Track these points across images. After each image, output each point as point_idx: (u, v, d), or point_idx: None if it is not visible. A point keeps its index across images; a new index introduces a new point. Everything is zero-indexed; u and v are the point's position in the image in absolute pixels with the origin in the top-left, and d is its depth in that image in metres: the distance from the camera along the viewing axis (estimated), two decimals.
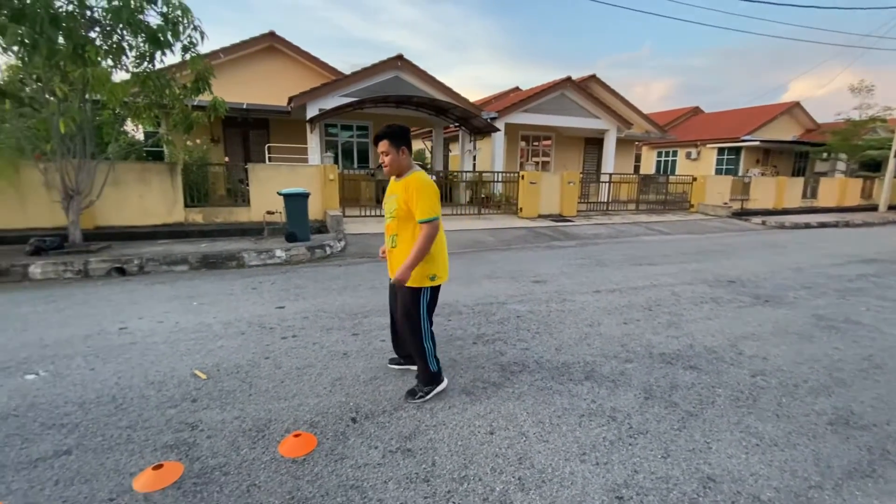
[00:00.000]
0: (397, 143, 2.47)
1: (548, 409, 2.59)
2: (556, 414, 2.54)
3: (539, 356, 3.33)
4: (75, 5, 5.44)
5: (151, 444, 2.20)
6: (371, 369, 3.06)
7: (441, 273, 2.63)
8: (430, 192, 2.42)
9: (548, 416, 2.51)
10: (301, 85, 12.93)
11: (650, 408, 2.63)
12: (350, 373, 3.01)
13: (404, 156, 2.51)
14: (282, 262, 6.69)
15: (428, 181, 2.45)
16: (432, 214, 2.40)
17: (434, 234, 2.42)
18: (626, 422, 2.47)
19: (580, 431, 2.37)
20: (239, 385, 2.81)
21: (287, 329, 3.78)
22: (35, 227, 7.41)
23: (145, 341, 3.46)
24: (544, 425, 2.43)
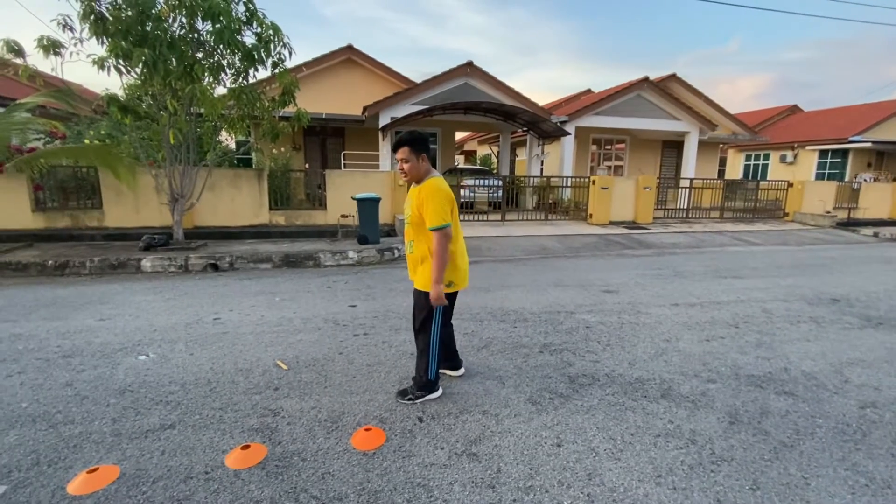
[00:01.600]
0: (417, 150, 2.46)
1: (620, 426, 2.47)
2: (629, 432, 2.42)
3: (610, 370, 3.19)
4: (186, 30, 6.15)
5: (239, 426, 2.42)
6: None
7: (458, 280, 2.58)
8: (441, 198, 2.37)
9: (620, 434, 2.40)
10: (375, 94, 13.51)
11: (736, 434, 2.41)
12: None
13: (424, 163, 2.49)
14: (354, 262, 7.03)
15: (440, 188, 2.40)
16: (441, 222, 2.35)
17: (445, 242, 2.37)
18: (708, 446, 2.30)
19: (655, 452, 2.24)
20: (315, 377, 2.99)
21: (359, 327, 3.96)
22: (147, 225, 8.44)
23: (235, 331, 3.80)
24: (616, 442, 2.32)
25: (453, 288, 2.55)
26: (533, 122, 13.06)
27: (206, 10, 5.77)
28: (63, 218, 8.32)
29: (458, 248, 2.55)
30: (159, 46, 5.64)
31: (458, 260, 2.55)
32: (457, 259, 2.53)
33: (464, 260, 2.62)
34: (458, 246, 2.56)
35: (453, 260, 2.49)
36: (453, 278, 2.53)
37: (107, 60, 6.00)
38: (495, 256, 7.58)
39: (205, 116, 7.22)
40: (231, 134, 9.47)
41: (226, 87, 7.27)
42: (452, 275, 2.52)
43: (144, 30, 5.78)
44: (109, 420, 2.46)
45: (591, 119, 14.19)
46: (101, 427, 2.39)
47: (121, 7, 5.76)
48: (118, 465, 2.08)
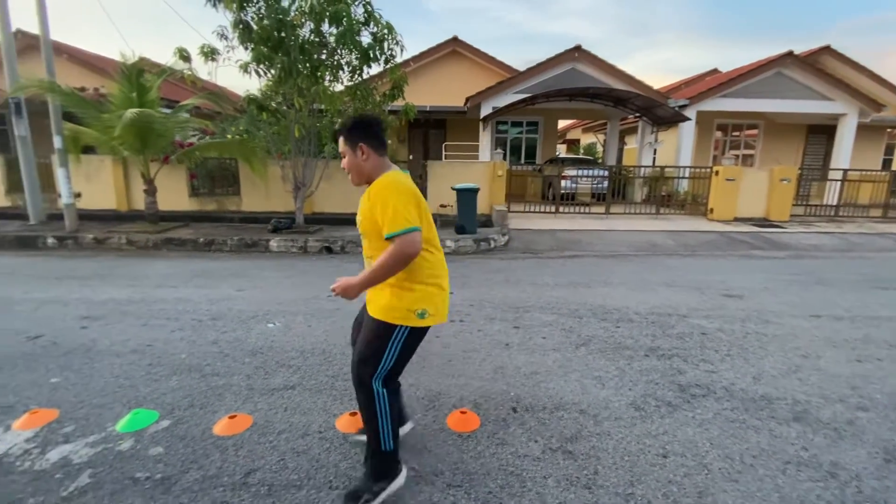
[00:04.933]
0: (353, 139, 1.76)
1: (739, 446, 2.21)
2: (751, 453, 2.16)
3: (730, 382, 2.86)
4: (314, 34, 6.77)
5: (349, 394, 2.64)
6: (531, 364, 3.08)
7: (436, 311, 1.77)
8: (396, 194, 1.63)
9: (739, 454, 2.15)
10: (478, 85, 13.56)
11: (893, 473, 2.02)
12: (511, 363, 3.08)
13: (364, 156, 1.75)
14: (451, 251, 7.20)
15: (394, 181, 1.68)
16: (403, 225, 1.59)
17: (409, 254, 1.60)
18: (854, 483, 1.95)
19: (783, 480, 1.97)
20: (414, 357, 3.13)
21: (455, 313, 4.07)
22: (274, 210, 9.54)
23: (345, 309, 4.14)
24: (733, 462, 2.09)
25: (427, 321, 1.75)
26: (646, 108, 12.06)
27: (331, 15, 6.28)
28: (211, 202, 9.78)
29: (434, 263, 1.78)
30: (292, 51, 6.29)
31: (436, 279, 1.77)
32: (434, 278, 1.76)
33: (443, 279, 1.81)
34: (434, 259, 1.79)
35: (428, 279, 1.74)
36: (429, 306, 1.73)
37: (250, 65, 6.86)
38: (597, 251, 7.20)
39: (324, 112, 7.90)
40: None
41: (342, 84, 7.87)
42: (428, 301, 1.73)
43: (280, 36, 6.49)
44: (244, 376, 2.86)
45: (716, 102, 12.65)
46: (238, 381, 2.80)
47: (263, 17, 6.52)
48: (251, 416, 2.41)
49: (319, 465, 2.04)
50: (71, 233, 7.27)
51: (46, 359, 3.07)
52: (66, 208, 7.48)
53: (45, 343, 3.31)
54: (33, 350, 3.21)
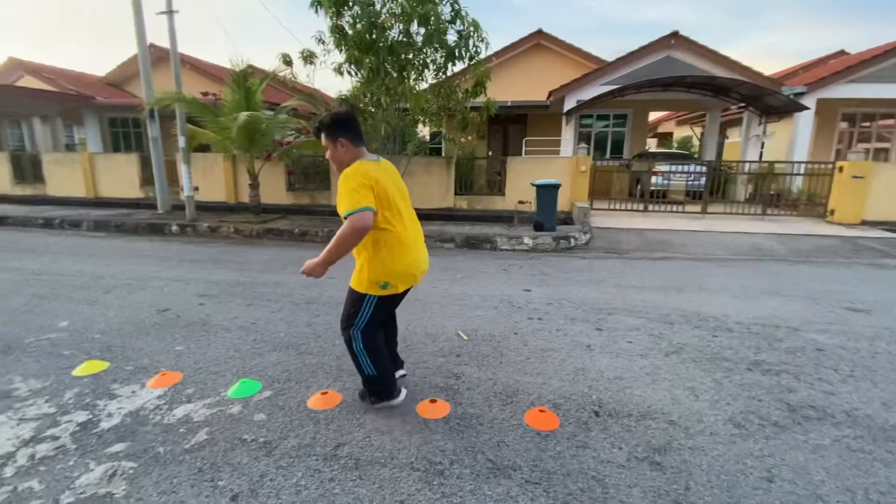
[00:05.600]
0: (333, 135, 2.05)
1: (863, 480, 1.93)
2: (879, 489, 1.88)
3: (852, 407, 2.50)
4: (403, 35, 7.02)
5: (428, 382, 2.73)
6: (615, 368, 2.94)
7: (397, 281, 2.12)
8: (353, 179, 1.94)
9: (863, 488, 1.88)
10: (563, 78, 13.14)
11: None
12: (593, 366, 2.97)
13: (344, 148, 2.07)
14: (528, 248, 7.09)
15: (354, 170, 1.98)
16: (351, 206, 1.90)
17: (358, 229, 1.91)
18: None
19: None
20: (492, 352, 3.16)
21: (533, 311, 4.00)
22: None
23: (425, 300, 4.28)
24: (855, 497, 1.83)
25: (389, 290, 2.12)
26: (753, 97, 10.86)
27: (421, 16, 6.47)
28: (304, 196, 10.58)
29: (396, 242, 2.08)
30: (381, 52, 6.59)
31: (396, 258, 2.08)
32: (394, 256, 2.07)
33: (406, 258, 2.12)
34: (396, 238, 2.08)
35: (386, 256, 2.06)
36: (390, 278, 2.09)
37: (343, 66, 7.30)
38: (691, 254, 6.65)
39: (408, 111, 8.17)
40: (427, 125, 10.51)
41: (426, 82, 8.08)
42: (388, 274, 2.08)
43: (371, 38, 6.82)
44: (335, 357, 3.07)
45: (842, 88, 11.02)
46: (329, 361, 3.01)
47: (356, 20, 6.90)
48: (341, 393, 2.59)
49: (401, 447, 2.13)
50: (190, 221, 8.30)
51: (172, 329, 3.55)
52: (187, 200, 8.55)
53: (171, 316, 3.83)
54: (162, 321, 3.72)
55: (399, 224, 2.09)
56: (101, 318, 3.75)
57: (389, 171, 2.17)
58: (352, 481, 1.91)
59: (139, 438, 2.20)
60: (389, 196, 2.05)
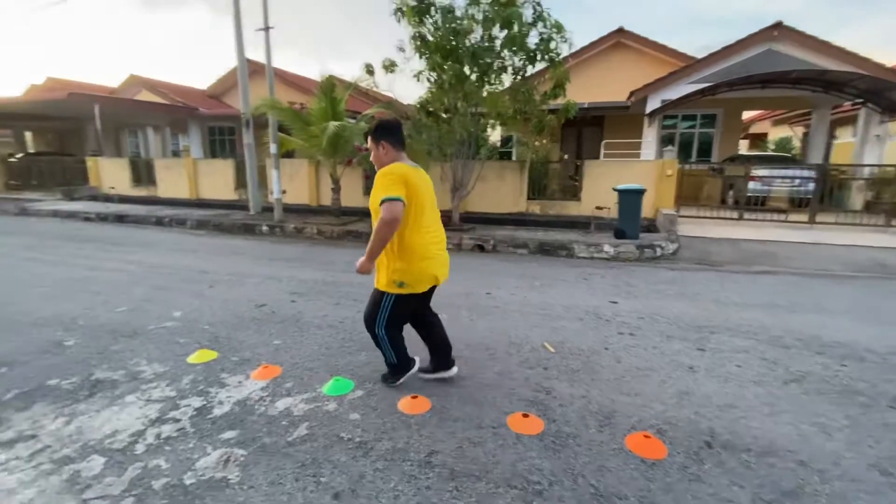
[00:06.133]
0: (377, 138, 2.34)
1: None
2: None
3: None
4: (486, 40, 7.01)
5: (516, 395, 2.65)
6: (725, 395, 2.66)
7: (413, 282, 2.28)
8: (388, 176, 2.16)
9: None
10: (644, 77, 12.44)
11: None
12: (699, 390, 2.71)
13: (384, 151, 2.34)
14: (609, 257, 6.74)
15: (391, 170, 2.20)
16: (386, 194, 2.11)
17: (391, 216, 2.10)
18: None
19: None
20: (582, 366, 3.00)
21: (622, 325, 3.77)
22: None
23: (505, 308, 4.19)
24: None
25: (406, 289, 2.29)
26: (874, 91, 9.53)
27: (503, 19, 6.42)
28: None
29: (416, 244, 2.25)
30: (463, 58, 6.62)
31: (416, 258, 2.25)
32: (414, 256, 2.24)
33: (425, 259, 2.29)
34: (417, 240, 2.26)
35: (406, 256, 2.22)
36: (406, 278, 2.25)
37: (422, 73, 7.44)
38: (799, 268, 5.94)
39: (485, 115, 8.13)
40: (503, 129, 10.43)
41: (503, 86, 7.99)
42: (406, 273, 2.24)
43: (452, 45, 6.89)
44: (421, 360, 3.08)
45: None
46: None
47: (438, 27, 7.01)
48: (430, 399, 2.58)
49: (496, 461, 2.07)
50: (278, 222, 8.90)
51: (269, 324, 3.78)
52: (276, 202, 9.17)
53: (267, 311, 4.09)
54: (260, 315, 3.98)
55: (423, 225, 2.28)
56: (208, 310, 4.10)
57: (424, 177, 2.37)
58: (448, 492, 1.88)
59: (247, 427, 2.34)
60: (420, 197, 2.24)
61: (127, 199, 13.00)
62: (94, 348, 3.27)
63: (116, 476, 1.99)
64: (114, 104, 15.45)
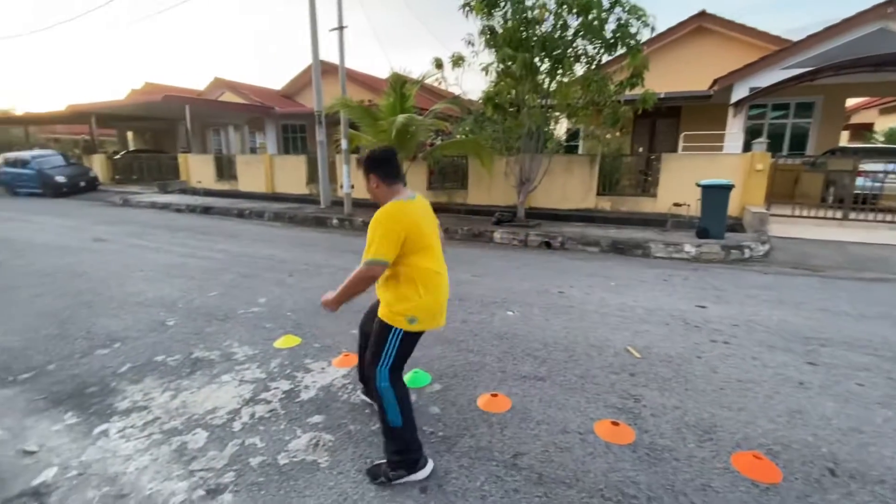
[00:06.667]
0: (366, 170, 2.05)
1: None
2: None
3: None
4: (560, 29, 6.75)
5: (602, 401, 2.51)
6: (848, 416, 2.35)
7: (425, 318, 2.00)
8: (381, 227, 1.90)
9: None
10: (727, 64, 11.45)
11: None
12: (814, 410, 2.41)
13: (375, 184, 2.05)
14: (689, 257, 6.27)
15: (385, 214, 1.91)
16: (370, 255, 1.90)
17: (367, 278, 1.95)
18: None
19: None
20: (673, 375, 2.79)
21: (714, 332, 3.47)
22: (494, 204, 10.09)
23: (580, 307, 4.02)
24: None
25: (417, 326, 2.00)
26: None
27: (580, 6, 6.14)
28: (442, 195, 10.98)
29: (426, 277, 1.99)
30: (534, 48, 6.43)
31: (426, 291, 1.98)
32: (423, 290, 1.98)
33: (434, 295, 2.02)
34: (427, 273, 2.00)
35: (418, 291, 1.97)
36: (419, 314, 1.98)
37: (490, 66, 7.32)
38: None
39: (554, 107, 7.86)
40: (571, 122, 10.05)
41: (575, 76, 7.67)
42: (418, 309, 1.98)
43: (523, 35, 6.71)
44: (495, 358, 3.03)
45: None
46: (491, 362, 2.98)
47: (508, 19, 6.86)
48: (510, 398, 2.52)
49: (585, 469, 1.96)
50: (348, 216, 9.22)
51: (345, 313, 3.83)
52: (346, 196, 9.50)
53: None
54: None
55: (432, 263, 2.06)
56: (289, 297, 4.31)
57: (425, 209, 2.14)
58: (538, 497, 1.81)
59: (332, 413, 2.41)
60: (424, 237, 2.02)
61: (211, 192, 14.09)
62: (192, 329, 3.55)
63: (218, 451, 2.12)
64: (202, 105, 16.78)
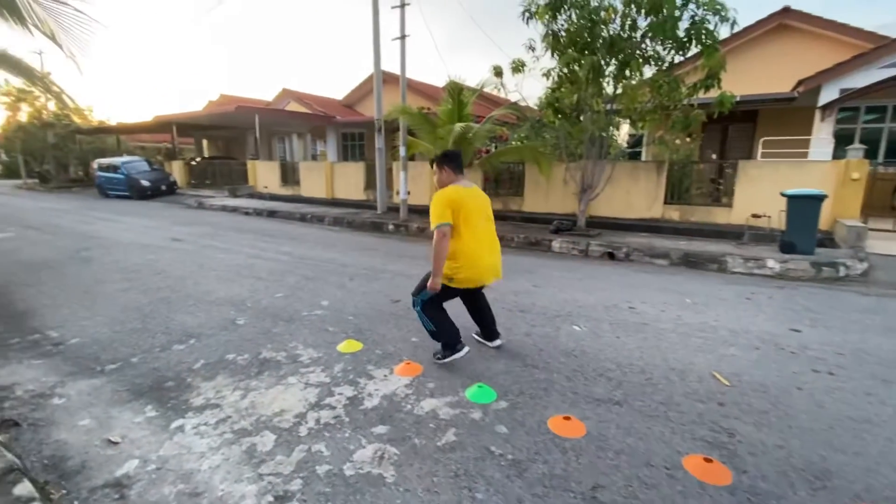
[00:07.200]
0: (440, 164, 2.94)
1: None
2: None
3: None
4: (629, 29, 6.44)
5: (689, 432, 2.26)
6: None
7: (459, 280, 2.84)
8: (437, 203, 2.73)
9: None
10: (812, 64, 10.49)
11: None
12: None
13: (445, 174, 2.92)
14: (773, 274, 5.71)
15: (441, 195, 2.76)
16: (435, 222, 2.71)
17: (439, 239, 2.68)
18: None
19: None
20: (770, 408, 2.47)
21: (815, 361, 3.07)
22: (551, 211, 9.80)
23: (655, 325, 3.72)
24: None
25: (454, 284, 2.86)
26: None
27: (650, 4, 5.83)
28: (497, 201, 10.81)
29: (462, 249, 2.77)
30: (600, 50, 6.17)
31: (463, 260, 2.79)
32: (465, 260, 2.78)
33: (471, 261, 2.80)
34: (462, 246, 2.77)
35: (456, 258, 2.77)
36: (454, 276, 2.81)
37: (552, 70, 7.12)
38: None
39: (620, 111, 7.51)
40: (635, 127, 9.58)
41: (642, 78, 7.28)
42: (454, 272, 2.80)
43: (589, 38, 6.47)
44: (564, 377, 2.84)
45: None
46: (559, 379, 2.80)
47: (573, 21, 6.64)
48: (583, 423, 2.33)
49: None
50: (403, 222, 9.31)
51: (405, 320, 3.86)
52: (402, 203, 9.61)
53: (403, 306, 4.19)
54: (396, 311, 4.09)
55: (475, 236, 2.81)
56: (351, 301, 4.35)
57: (477, 196, 2.93)
58: None
59: (397, 425, 2.34)
60: (471, 216, 2.80)
61: (276, 196, 14.82)
62: (260, 329, 3.65)
63: (285, 455, 2.11)
64: (270, 115, 17.77)
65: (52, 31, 4.37)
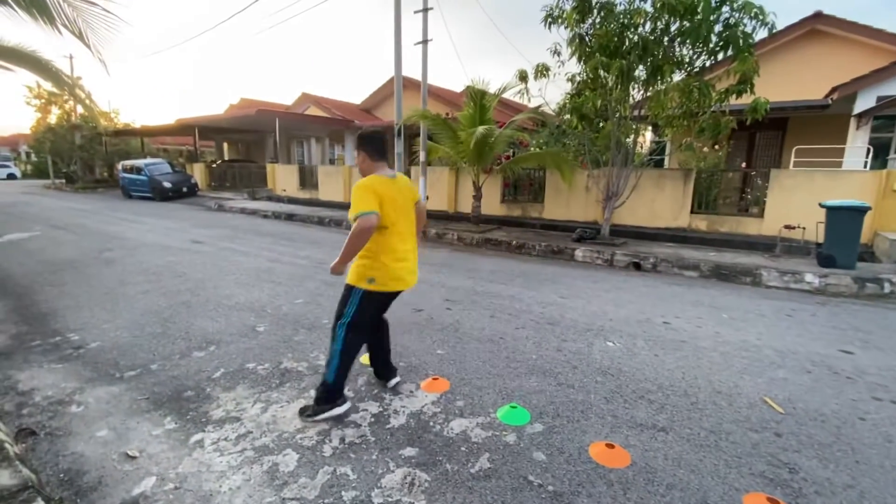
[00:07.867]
0: (358, 148, 2.46)
1: None
2: None
3: None
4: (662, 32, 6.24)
5: (745, 466, 2.07)
6: None
7: (383, 279, 2.37)
8: (360, 191, 2.25)
9: None
10: (846, 71, 10.11)
11: None
12: None
13: (361, 159, 2.45)
14: (811, 289, 5.43)
15: (363, 183, 2.28)
16: (355, 211, 2.22)
17: (361, 231, 2.20)
18: None
19: None
20: (833, 441, 2.27)
21: (874, 387, 2.84)
22: (572, 219, 9.58)
23: (693, 343, 3.52)
24: None
25: (376, 286, 2.37)
26: None
27: (686, 6, 5.63)
28: (516, 208, 10.66)
29: (388, 246, 2.37)
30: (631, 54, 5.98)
31: (386, 257, 2.36)
32: (383, 256, 2.36)
33: (397, 260, 2.39)
34: (391, 243, 2.37)
35: (377, 256, 2.36)
36: (377, 275, 2.37)
37: (578, 75, 6.95)
38: None
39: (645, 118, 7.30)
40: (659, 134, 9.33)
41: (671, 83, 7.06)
42: (377, 271, 2.37)
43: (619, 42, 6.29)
44: (602, 398, 2.67)
45: None
46: (597, 401, 2.62)
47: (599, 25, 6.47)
48: (629, 451, 2.16)
49: None
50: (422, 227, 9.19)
51: (429, 331, 3.72)
52: None
53: (426, 317, 4.05)
54: (419, 321, 3.96)
55: (397, 230, 2.38)
56: None
57: (401, 186, 2.45)
58: None
59: (426, 447, 2.20)
60: (398, 210, 2.37)
61: (294, 200, 14.88)
62: (280, 336, 3.55)
63: (309, 478, 1.98)
64: (289, 118, 17.91)
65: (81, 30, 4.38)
